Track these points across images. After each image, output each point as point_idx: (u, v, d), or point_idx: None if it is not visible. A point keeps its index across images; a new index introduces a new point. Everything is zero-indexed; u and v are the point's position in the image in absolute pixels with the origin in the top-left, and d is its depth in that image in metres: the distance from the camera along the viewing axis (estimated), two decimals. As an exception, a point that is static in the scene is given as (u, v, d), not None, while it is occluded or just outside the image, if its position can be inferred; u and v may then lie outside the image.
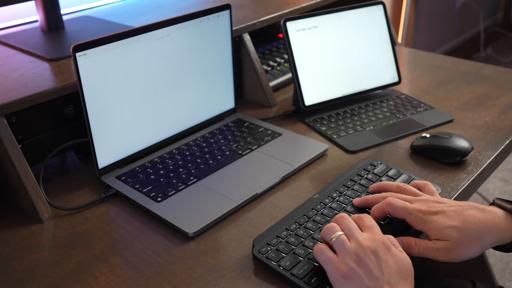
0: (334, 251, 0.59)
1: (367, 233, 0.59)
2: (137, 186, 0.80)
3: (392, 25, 1.27)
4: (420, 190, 0.71)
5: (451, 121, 1.00)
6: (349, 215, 0.63)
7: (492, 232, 0.62)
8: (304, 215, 0.71)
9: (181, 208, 0.75)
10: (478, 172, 0.84)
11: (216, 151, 0.90)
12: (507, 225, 0.63)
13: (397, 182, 0.73)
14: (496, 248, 0.66)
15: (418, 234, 0.68)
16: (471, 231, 0.62)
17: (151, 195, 0.78)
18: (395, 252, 0.58)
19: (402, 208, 0.65)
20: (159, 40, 0.84)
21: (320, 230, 0.68)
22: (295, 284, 0.61)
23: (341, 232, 0.59)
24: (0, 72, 0.87)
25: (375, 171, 0.81)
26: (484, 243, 0.63)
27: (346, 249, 0.57)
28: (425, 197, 0.67)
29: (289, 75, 1.18)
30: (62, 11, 1.07)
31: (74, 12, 1.21)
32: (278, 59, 1.21)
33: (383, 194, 0.70)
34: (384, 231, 0.66)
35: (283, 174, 0.83)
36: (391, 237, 0.61)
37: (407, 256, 0.59)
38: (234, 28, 1.03)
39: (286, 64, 1.22)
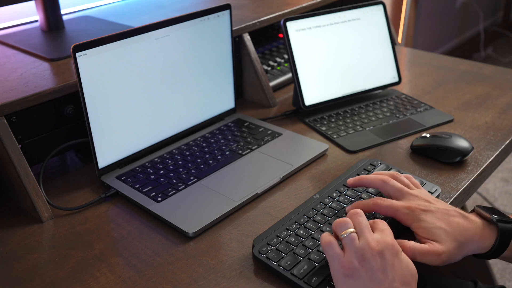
0: (341, 246, 0.59)
1: (378, 234, 0.59)
2: (137, 186, 0.80)
3: (392, 25, 1.27)
4: None
5: (451, 121, 1.00)
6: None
7: (473, 241, 0.63)
8: (304, 215, 0.71)
9: (181, 208, 0.75)
10: (478, 172, 0.84)
11: (216, 151, 0.90)
12: (486, 235, 0.64)
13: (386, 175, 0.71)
14: (476, 256, 0.66)
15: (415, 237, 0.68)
16: (456, 236, 0.62)
17: (151, 195, 0.78)
18: (403, 258, 0.57)
19: (389, 206, 0.65)
20: (159, 40, 0.84)
21: (320, 230, 0.68)
22: (295, 284, 0.61)
23: (352, 229, 0.59)
24: (0, 72, 0.87)
25: (375, 171, 0.81)
26: (465, 250, 0.63)
27: (354, 247, 0.57)
28: (415, 193, 0.67)
29: (289, 75, 1.18)
30: (62, 11, 1.07)
31: (74, 12, 1.21)
32: (278, 59, 1.21)
33: (378, 176, 0.69)
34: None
35: (283, 174, 0.83)
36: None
37: (412, 262, 0.59)
38: (234, 28, 1.03)
39: (286, 64, 1.22)
